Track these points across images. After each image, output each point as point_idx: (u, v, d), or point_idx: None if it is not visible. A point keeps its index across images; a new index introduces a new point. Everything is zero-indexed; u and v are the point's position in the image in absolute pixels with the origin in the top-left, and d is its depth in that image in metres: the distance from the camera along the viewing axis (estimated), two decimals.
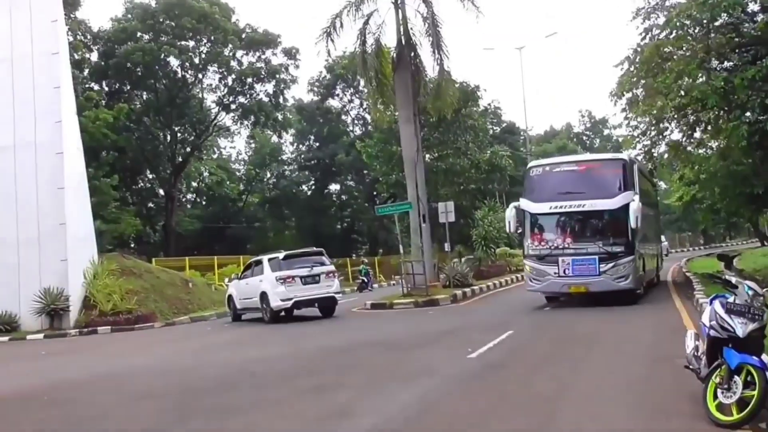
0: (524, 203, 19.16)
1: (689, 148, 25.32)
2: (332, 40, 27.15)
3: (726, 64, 21.53)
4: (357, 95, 57.88)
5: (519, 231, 19.73)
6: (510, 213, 19.43)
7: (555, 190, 18.69)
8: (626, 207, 17.72)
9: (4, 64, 23.09)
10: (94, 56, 47.42)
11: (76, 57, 39.68)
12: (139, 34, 47.32)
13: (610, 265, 17.67)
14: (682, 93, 20.89)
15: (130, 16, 48.26)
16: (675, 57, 21.60)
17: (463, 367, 10.78)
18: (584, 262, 17.89)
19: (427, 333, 15.42)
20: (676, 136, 24.79)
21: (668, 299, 19.38)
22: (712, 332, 6.95)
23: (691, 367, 7.51)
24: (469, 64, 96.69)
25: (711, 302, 7.31)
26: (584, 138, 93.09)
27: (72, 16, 41.07)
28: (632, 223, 17.49)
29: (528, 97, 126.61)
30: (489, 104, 48.03)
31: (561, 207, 18.43)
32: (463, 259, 33.69)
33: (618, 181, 18.28)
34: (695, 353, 7.51)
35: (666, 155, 25.87)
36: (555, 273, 18.13)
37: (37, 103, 22.76)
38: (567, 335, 13.85)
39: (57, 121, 22.72)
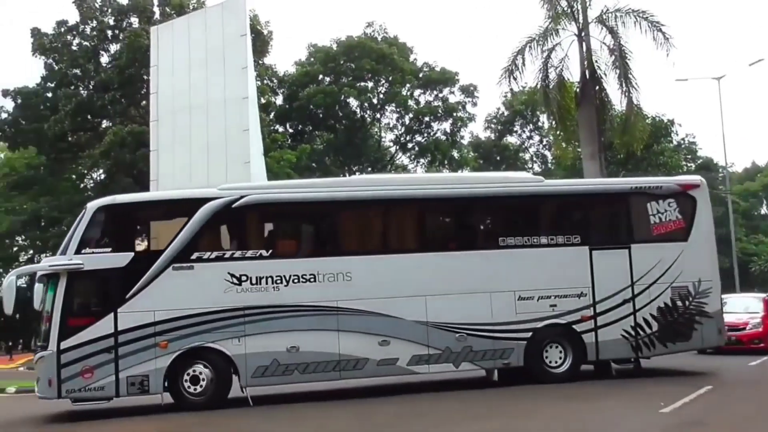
0: None
1: None
2: (514, 78, 26.90)
3: None
4: (536, 132, 56.58)
5: None
6: None
7: None
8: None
9: (201, 110, 24.38)
10: (279, 99, 49.77)
11: (263, 101, 41.65)
12: (320, 76, 49.22)
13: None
14: None
15: (312, 59, 50.33)
16: None
17: (655, 422, 9.75)
18: None
19: (609, 381, 14.32)
20: None
21: None
22: None
23: None
24: (660, 96, 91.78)
25: None
26: None
27: (260, 62, 43.30)
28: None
29: (727, 131, 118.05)
30: (682, 139, 45.19)
31: None
32: None
33: None
34: None
35: None
36: None
37: (228, 146, 23.78)
38: None
39: (246, 162, 23.58)
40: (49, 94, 40.93)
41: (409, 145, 53.57)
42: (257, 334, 13.02)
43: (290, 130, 50.41)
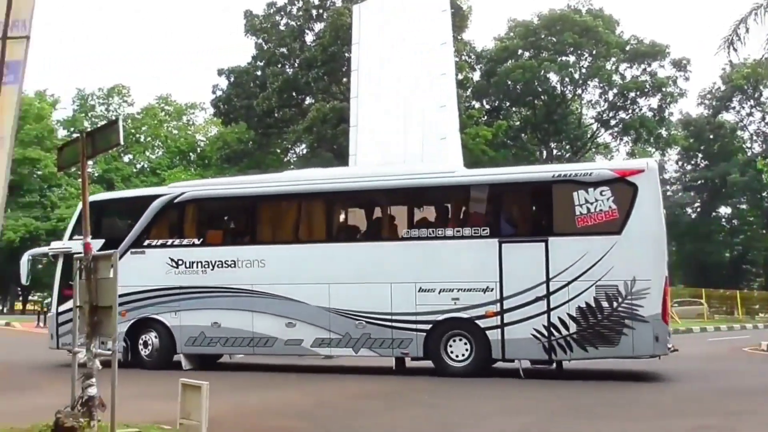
0: None
1: None
2: (734, 49, 24.46)
3: None
4: (758, 108, 52.33)
5: None
6: None
7: None
8: None
9: (399, 86, 24.42)
10: (476, 75, 49.13)
11: (460, 77, 41.27)
12: (519, 51, 47.96)
13: None
14: None
15: (512, 34, 49.19)
16: None
17: None
18: None
19: None
20: None
21: None
22: None
23: None
24: None
25: None
26: None
27: (459, 37, 42.91)
28: None
29: None
30: None
31: None
32: None
33: None
34: None
35: None
36: None
37: (425, 122, 23.64)
38: None
39: (442, 138, 23.35)
40: (259, 73, 43.28)
41: (612, 123, 51.06)
42: (188, 310, 15.38)
43: (487, 106, 49.77)
